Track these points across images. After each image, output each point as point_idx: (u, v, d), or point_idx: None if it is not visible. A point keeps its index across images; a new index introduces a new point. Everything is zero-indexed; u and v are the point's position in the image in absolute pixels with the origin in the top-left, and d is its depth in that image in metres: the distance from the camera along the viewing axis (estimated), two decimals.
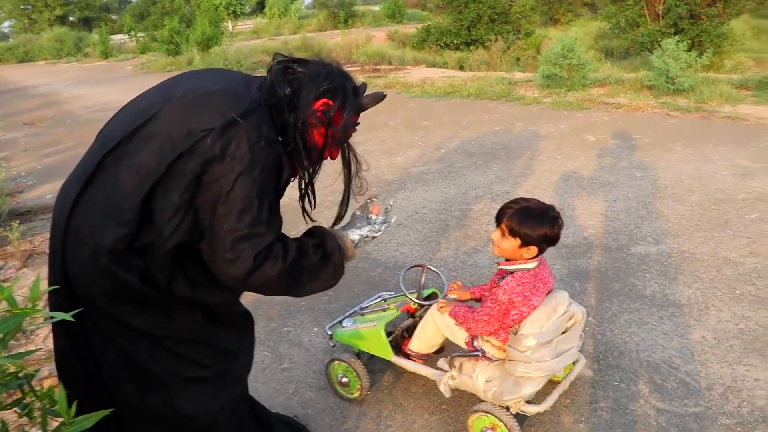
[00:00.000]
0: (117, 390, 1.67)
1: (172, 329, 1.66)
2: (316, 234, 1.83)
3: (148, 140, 1.57)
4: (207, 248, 1.58)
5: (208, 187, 1.54)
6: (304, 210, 1.89)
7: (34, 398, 1.37)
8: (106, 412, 1.30)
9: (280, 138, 1.64)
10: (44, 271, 3.92)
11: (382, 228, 1.98)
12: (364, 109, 1.80)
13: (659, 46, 9.15)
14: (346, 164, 1.84)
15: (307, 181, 1.81)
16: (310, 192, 1.85)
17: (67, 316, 1.34)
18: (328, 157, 1.81)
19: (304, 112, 1.65)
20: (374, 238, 1.97)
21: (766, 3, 24.40)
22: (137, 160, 1.56)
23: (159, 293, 1.61)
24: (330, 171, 1.96)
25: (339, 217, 1.98)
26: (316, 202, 1.89)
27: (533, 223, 2.19)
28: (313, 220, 1.89)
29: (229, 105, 1.58)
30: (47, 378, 2.94)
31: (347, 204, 1.92)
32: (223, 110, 1.56)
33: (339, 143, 1.77)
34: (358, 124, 1.79)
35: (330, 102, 1.68)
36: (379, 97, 1.85)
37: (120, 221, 1.54)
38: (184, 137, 1.54)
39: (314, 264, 1.74)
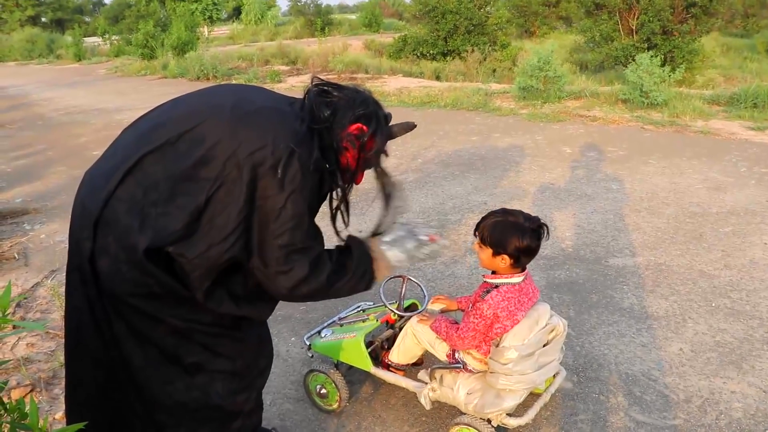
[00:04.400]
0: (143, 383, 1.70)
1: (200, 322, 1.70)
2: (348, 242, 1.93)
3: (196, 148, 1.59)
4: (259, 263, 1.64)
5: (260, 206, 1.59)
6: (335, 228, 1.92)
7: (2, 411, 1.31)
8: (80, 425, 1.26)
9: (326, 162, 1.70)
10: (13, 278, 3.77)
11: (423, 252, 2.02)
12: (393, 137, 1.86)
13: (633, 60, 9.29)
14: (382, 187, 1.89)
15: (339, 199, 1.85)
16: (343, 209, 1.89)
17: (40, 327, 1.30)
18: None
19: (338, 134, 1.71)
20: (413, 258, 2.01)
21: (734, 22, 25.04)
22: (187, 170, 1.57)
23: (185, 289, 1.62)
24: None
25: (375, 234, 2.02)
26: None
27: (502, 233, 2.18)
28: (342, 240, 1.95)
29: (279, 123, 1.64)
30: (15, 388, 2.84)
31: (386, 223, 1.98)
32: (273, 127, 1.62)
33: (367, 167, 1.84)
34: (386, 150, 1.84)
35: (364, 128, 1.74)
36: (409, 127, 1.93)
37: (165, 226, 1.56)
38: (235, 149, 1.57)
39: (349, 267, 1.83)
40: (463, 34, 17.26)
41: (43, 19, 55.34)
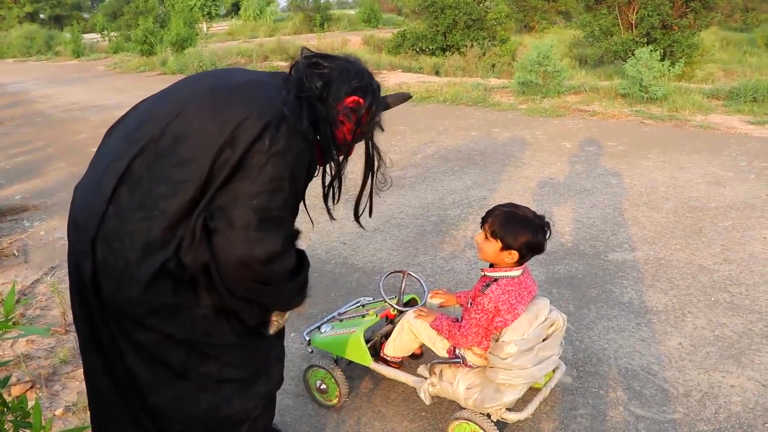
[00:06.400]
0: (150, 396, 1.65)
1: (207, 334, 1.63)
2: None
3: (183, 140, 1.52)
4: (224, 224, 1.47)
5: (245, 168, 1.49)
6: (327, 206, 1.86)
7: (4, 409, 1.31)
8: (84, 427, 1.26)
9: (314, 131, 1.63)
10: (12, 275, 3.78)
11: None
12: (389, 107, 1.82)
13: (633, 55, 9.27)
14: (369, 160, 1.83)
15: (334, 173, 1.79)
16: (336, 186, 1.82)
17: (44, 332, 1.30)
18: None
19: (333, 107, 1.65)
20: None
21: (734, 16, 25.00)
22: (174, 169, 1.50)
23: (193, 299, 1.57)
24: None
25: (357, 212, 1.93)
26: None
27: (515, 227, 2.18)
28: (333, 218, 1.89)
29: (262, 93, 1.58)
30: (15, 385, 2.85)
31: (370, 198, 1.90)
32: (257, 98, 1.56)
33: (362, 139, 1.78)
34: (381, 122, 1.79)
35: (360, 100, 1.69)
36: (405, 97, 1.90)
37: (165, 231, 1.50)
38: (221, 128, 1.50)
39: (305, 271, 1.70)
40: (462, 29, 17.24)
41: (42, 16, 55.19)
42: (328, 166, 1.78)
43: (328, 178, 1.83)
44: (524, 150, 6.74)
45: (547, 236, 2.21)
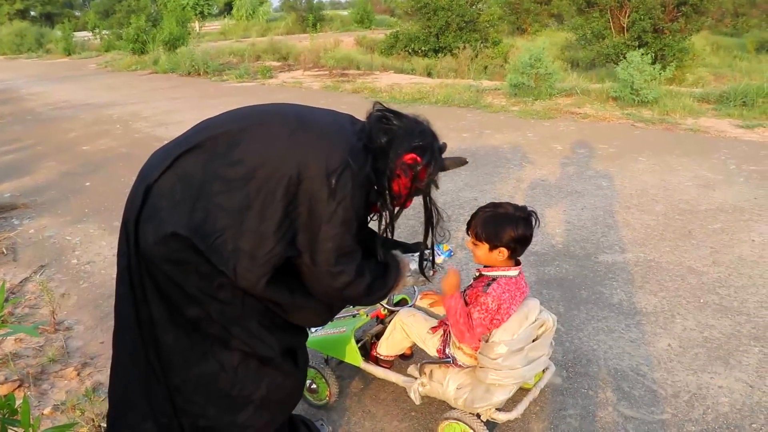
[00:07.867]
0: (164, 344, 1.75)
1: (223, 301, 1.75)
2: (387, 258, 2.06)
3: (249, 147, 1.70)
4: (308, 261, 1.73)
5: (310, 209, 1.68)
6: (379, 251, 2.00)
7: None
8: (72, 424, 1.26)
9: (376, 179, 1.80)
10: (1, 273, 3.76)
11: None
12: (445, 169, 1.96)
13: (624, 58, 9.32)
14: (428, 215, 1.96)
15: (387, 221, 1.93)
16: (389, 232, 1.97)
17: (32, 331, 1.30)
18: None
19: (393, 162, 1.80)
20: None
21: (724, 21, 25.16)
22: (232, 170, 1.67)
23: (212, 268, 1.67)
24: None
25: (422, 266, 2.15)
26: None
27: (496, 226, 2.20)
28: (385, 260, 2.04)
29: (337, 134, 1.78)
30: (3, 384, 2.83)
31: (432, 252, 2.12)
32: (331, 137, 1.75)
33: (416, 195, 1.93)
34: (437, 181, 1.93)
35: (418, 158, 1.83)
36: (461, 162, 2.09)
37: (205, 222, 1.65)
38: (291, 149, 1.69)
39: (388, 282, 2.00)
40: (454, 31, 17.27)
41: (32, 13, 54.79)
42: (383, 215, 1.92)
43: (382, 225, 1.96)
44: (516, 152, 6.77)
45: (532, 226, 2.22)
